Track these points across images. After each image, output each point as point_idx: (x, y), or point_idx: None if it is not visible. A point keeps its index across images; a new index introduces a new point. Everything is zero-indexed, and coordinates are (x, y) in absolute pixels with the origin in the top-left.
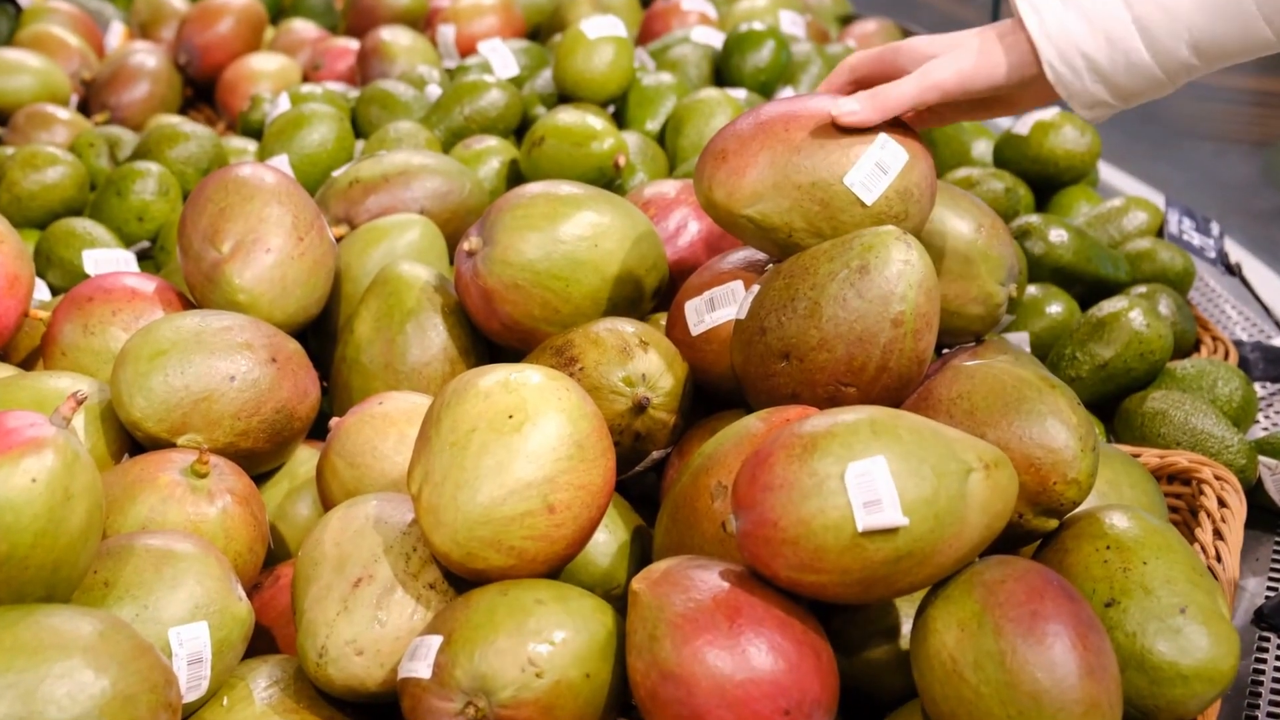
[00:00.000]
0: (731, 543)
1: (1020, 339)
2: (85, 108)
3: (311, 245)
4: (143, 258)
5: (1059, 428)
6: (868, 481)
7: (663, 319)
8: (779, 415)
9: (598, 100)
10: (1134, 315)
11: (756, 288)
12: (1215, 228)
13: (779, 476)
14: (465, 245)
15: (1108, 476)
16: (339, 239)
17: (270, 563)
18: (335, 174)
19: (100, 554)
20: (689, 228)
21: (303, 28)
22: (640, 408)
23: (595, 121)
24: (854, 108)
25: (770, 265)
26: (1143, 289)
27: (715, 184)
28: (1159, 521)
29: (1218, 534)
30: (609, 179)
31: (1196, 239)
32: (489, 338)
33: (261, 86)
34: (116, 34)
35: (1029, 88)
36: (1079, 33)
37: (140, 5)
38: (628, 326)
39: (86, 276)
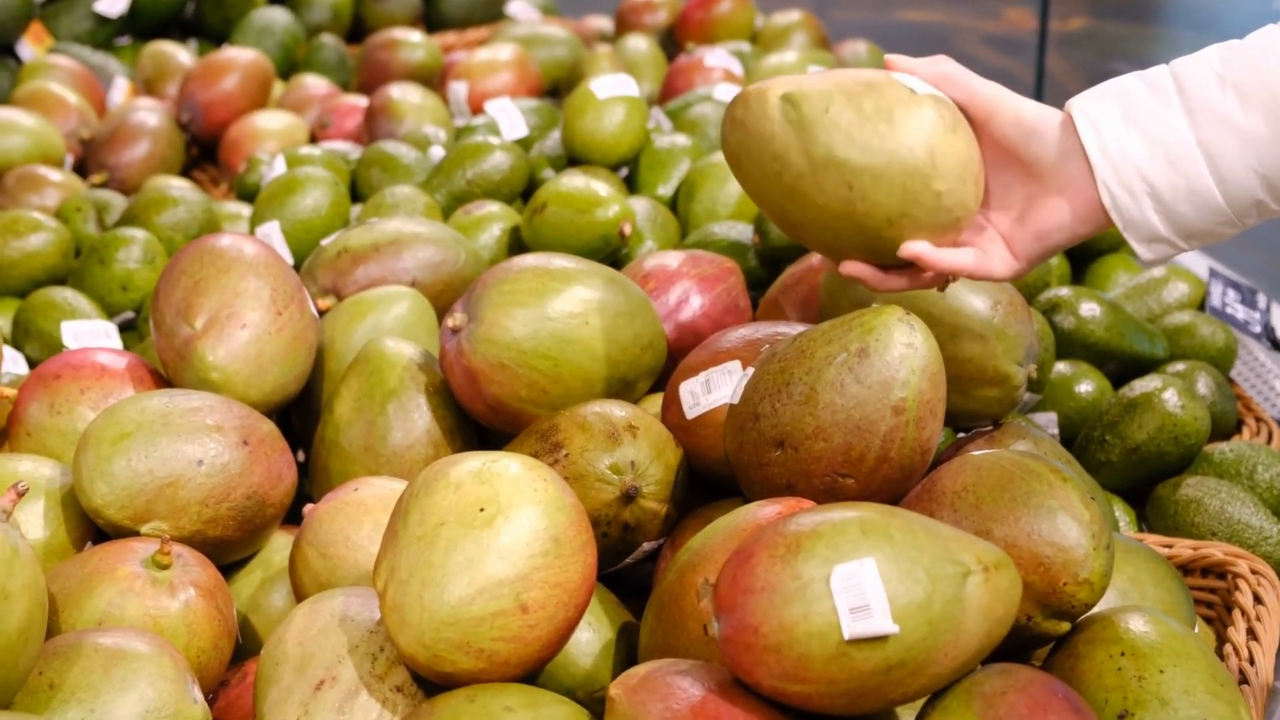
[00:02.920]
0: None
1: (1048, 420)
2: (84, 168)
3: (291, 320)
4: (126, 328)
5: (1070, 524)
6: (855, 585)
7: (660, 400)
8: (772, 508)
9: (608, 163)
10: (1168, 395)
11: (752, 370)
12: (1262, 300)
13: (761, 579)
14: (450, 321)
15: (1129, 574)
16: (324, 312)
17: (241, 657)
18: (324, 242)
19: (47, 653)
20: (691, 302)
21: (314, 84)
22: (629, 497)
23: (600, 187)
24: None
25: (768, 346)
26: (1180, 367)
27: (766, 82)
28: (1179, 625)
29: (1251, 633)
30: (614, 247)
31: (1241, 312)
32: (475, 419)
33: (266, 146)
34: (120, 90)
35: (1074, 185)
36: (1139, 154)
37: (145, 61)
38: (617, 410)
39: (66, 349)
